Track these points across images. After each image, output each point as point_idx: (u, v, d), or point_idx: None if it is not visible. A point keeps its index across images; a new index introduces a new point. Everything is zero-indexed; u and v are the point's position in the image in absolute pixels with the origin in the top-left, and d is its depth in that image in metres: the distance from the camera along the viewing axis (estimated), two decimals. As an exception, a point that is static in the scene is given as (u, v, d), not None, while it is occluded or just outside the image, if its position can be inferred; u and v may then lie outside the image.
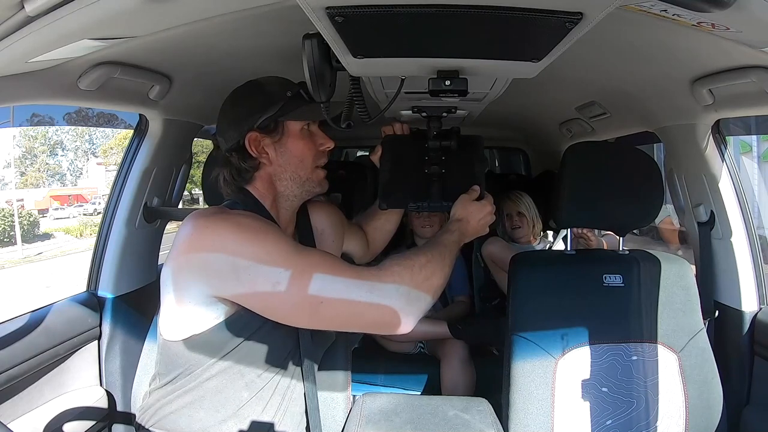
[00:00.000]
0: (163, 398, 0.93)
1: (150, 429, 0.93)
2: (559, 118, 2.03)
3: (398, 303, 0.87)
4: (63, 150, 18.61)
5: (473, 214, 1.04)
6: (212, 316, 0.88)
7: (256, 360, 0.93)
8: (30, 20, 0.72)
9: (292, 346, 0.98)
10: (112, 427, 1.37)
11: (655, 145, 2.26)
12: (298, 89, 1.00)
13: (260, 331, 0.91)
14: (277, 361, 0.95)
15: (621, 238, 1.31)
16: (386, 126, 1.18)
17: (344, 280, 0.87)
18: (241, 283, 0.84)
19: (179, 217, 1.52)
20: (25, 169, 17.68)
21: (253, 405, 0.93)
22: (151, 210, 1.48)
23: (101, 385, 1.38)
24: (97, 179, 18.33)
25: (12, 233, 14.22)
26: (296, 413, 1.01)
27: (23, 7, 0.69)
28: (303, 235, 1.09)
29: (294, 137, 1.00)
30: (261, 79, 1.02)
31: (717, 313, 1.38)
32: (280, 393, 0.97)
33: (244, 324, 0.89)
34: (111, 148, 17.79)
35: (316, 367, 1.05)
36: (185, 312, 0.88)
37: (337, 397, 1.13)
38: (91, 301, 1.39)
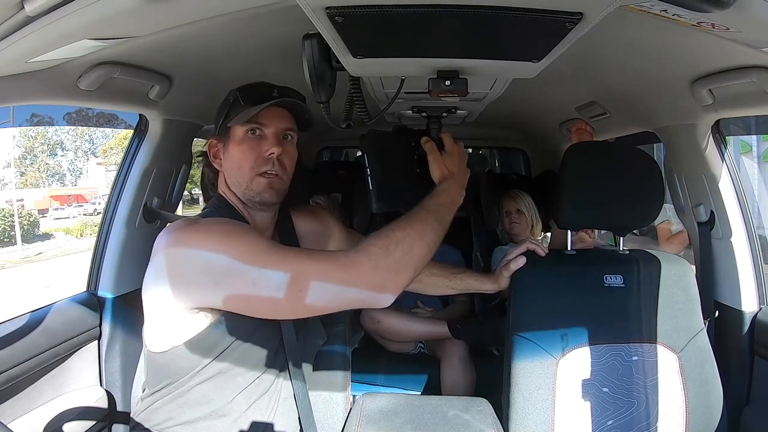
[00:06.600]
0: (154, 402, 0.93)
1: (143, 429, 0.93)
2: (559, 118, 2.03)
3: (376, 281, 0.85)
4: (63, 150, 18.62)
5: (450, 164, 0.99)
6: (194, 326, 0.87)
7: (242, 362, 0.92)
8: (30, 20, 0.72)
9: (277, 346, 0.97)
10: (112, 427, 1.37)
11: (655, 145, 2.26)
12: (237, 93, 0.97)
13: (243, 334, 0.90)
14: (263, 361, 0.95)
15: (621, 238, 1.31)
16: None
17: (320, 267, 0.85)
18: (221, 288, 0.83)
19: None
20: (25, 169, 17.67)
21: (242, 405, 0.93)
22: (150, 210, 1.48)
23: (101, 385, 1.38)
24: (97, 179, 18.32)
25: (12, 233, 14.21)
26: (289, 414, 1.01)
27: (23, 7, 0.69)
28: (284, 240, 1.06)
29: (234, 143, 0.96)
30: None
31: (717, 313, 1.38)
32: (269, 393, 0.96)
33: (227, 330, 0.89)
34: (111, 148, 17.78)
35: (308, 367, 1.04)
36: (167, 324, 0.88)
37: (336, 398, 1.13)
38: (91, 301, 1.39)
